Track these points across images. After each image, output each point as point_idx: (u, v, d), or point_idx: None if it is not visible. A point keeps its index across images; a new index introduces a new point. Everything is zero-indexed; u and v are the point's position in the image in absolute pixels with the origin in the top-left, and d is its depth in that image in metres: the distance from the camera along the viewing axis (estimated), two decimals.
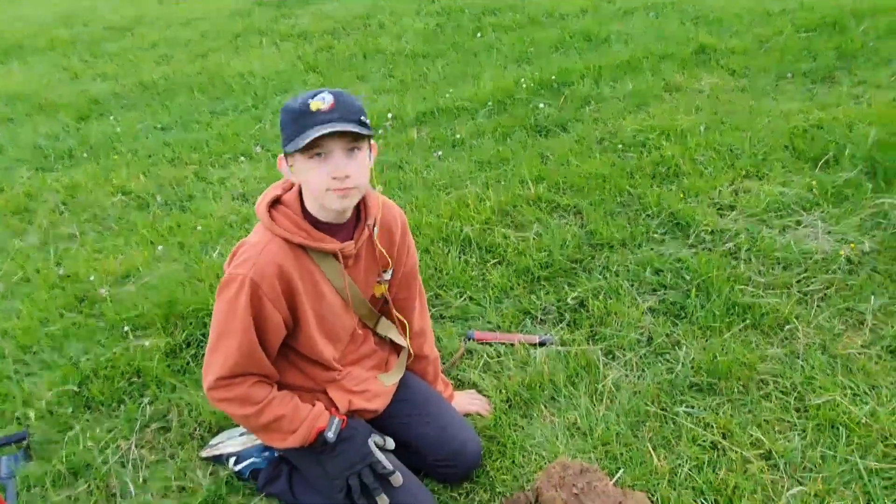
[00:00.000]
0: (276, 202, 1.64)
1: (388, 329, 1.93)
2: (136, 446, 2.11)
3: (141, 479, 2.01)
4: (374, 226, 1.70)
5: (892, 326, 2.24)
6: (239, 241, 1.68)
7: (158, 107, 4.97)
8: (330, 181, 1.50)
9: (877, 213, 2.74)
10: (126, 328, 2.57)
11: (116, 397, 2.30)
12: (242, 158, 4.00)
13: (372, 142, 1.61)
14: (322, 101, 1.46)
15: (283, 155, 1.58)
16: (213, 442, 2.09)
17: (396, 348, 2.01)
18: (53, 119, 5.12)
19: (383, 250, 1.74)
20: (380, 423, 1.90)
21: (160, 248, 3.11)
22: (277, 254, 1.57)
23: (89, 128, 4.85)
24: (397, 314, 1.90)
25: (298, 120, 1.47)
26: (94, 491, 1.97)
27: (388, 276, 1.82)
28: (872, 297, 2.37)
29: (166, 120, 4.70)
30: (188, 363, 2.42)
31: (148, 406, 2.24)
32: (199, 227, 3.25)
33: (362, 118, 1.51)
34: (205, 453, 2.06)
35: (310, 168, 1.50)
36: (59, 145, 4.60)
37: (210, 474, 2.01)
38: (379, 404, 1.87)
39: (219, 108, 4.86)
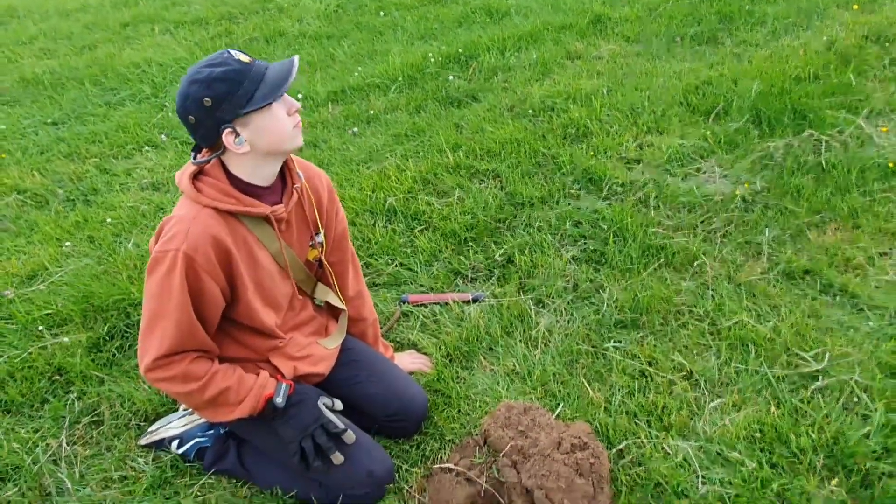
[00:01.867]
0: (198, 174, 1.60)
1: (325, 294, 1.93)
2: (67, 443, 2.02)
3: (77, 475, 1.92)
4: (300, 188, 1.70)
5: (785, 254, 2.48)
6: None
7: (46, 101, 4.63)
8: (288, 120, 1.52)
9: (764, 156, 3.01)
10: (41, 327, 2.42)
11: (38, 397, 2.18)
12: (147, 148, 3.81)
13: None
14: (242, 55, 1.47)
15: (228, 128, 1.48)
16: (151, 429, 2.02)
17: (335, 313, 2.02)
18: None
19: (315, 209, 1.74)
20: (327, 387, 1.91)
21: (67, 244, 2.93)
22: (209, 223, 1.52)
23: None
24: (332, 278, 1.91)
25: (248, 76, 1.45)
26: (27, 493, 1.87)
27: (320, 239, 1.82)
28: (766, 229, 2.61)
29: (57, 114, 4.39)
30: (114, 355, 2.32)
31: (76, 402, 2.14)
32: (108, 220, 3.09)
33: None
34: (144, 441, 2.00)
35: (272, 115, 1.49)
36: None
37: (153, 460, 1.96)
38: (324, 367, 1.88)
39: (115, 100, 4.59)
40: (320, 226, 1.81)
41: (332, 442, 1.68)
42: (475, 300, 2.42)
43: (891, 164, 2.83)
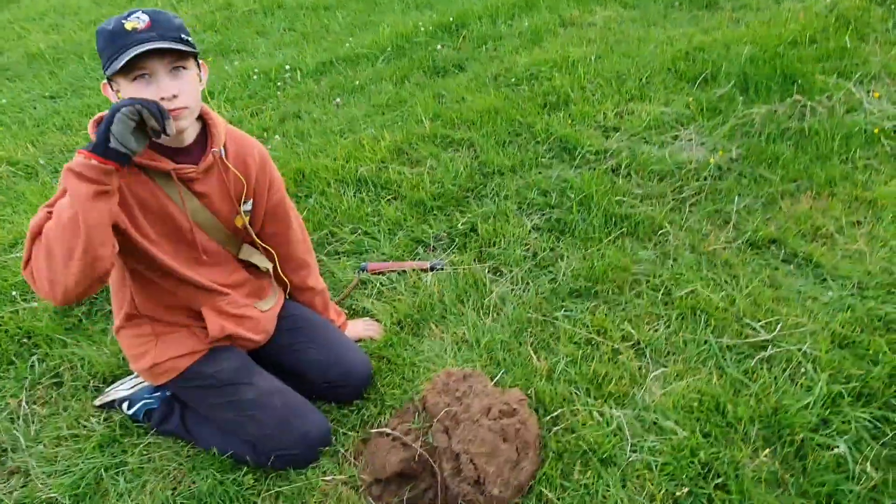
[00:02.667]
0: None
1: (250, 254, 1.91)
2: (26, 402, 2.09)
3: (32, 433, 2.00)
4: (220, 153, 1.68)
5: (753, 222, 2.41)
6: None
7: (47, 76, 4.73)
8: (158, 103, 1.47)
9: (745, 123, 2.91)
10: (14, 293, 2.50)
11: (6, 359, 2.26)
12: None
13: (201, 61, 1.60)
14: (138, 21, 1.43)
15: (105, 81, 1.52)
16: (106, 390, 2.09)
17: (278, 277, 2.03)
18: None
19: (238, 174, 1.73)
20: (269, 352, 1.94)
21: None
22: None
23: None
24: (264, 244, 1.91)
25: (115, 41, 1.42)
26: None
27: (247, 208, 1.81)
28: (737, 197, 2.54)
29: (55, 88, 4.48)
30: (80, 320, 2.39)
31: (38, 363, 2.21)
32: None
33: (182, 35, 1.49)
34: (98, 401, 2.06)
35: (136, 91, 1.46)
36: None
37: (104, 420, 2.02)
38: (261, 337, 1.90)
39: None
40: (244, 196, 1.78)
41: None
42: (433, 268, 2.42)
43: (876, 130, 2.72)
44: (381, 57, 4.18)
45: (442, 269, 2.42)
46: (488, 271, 2.37)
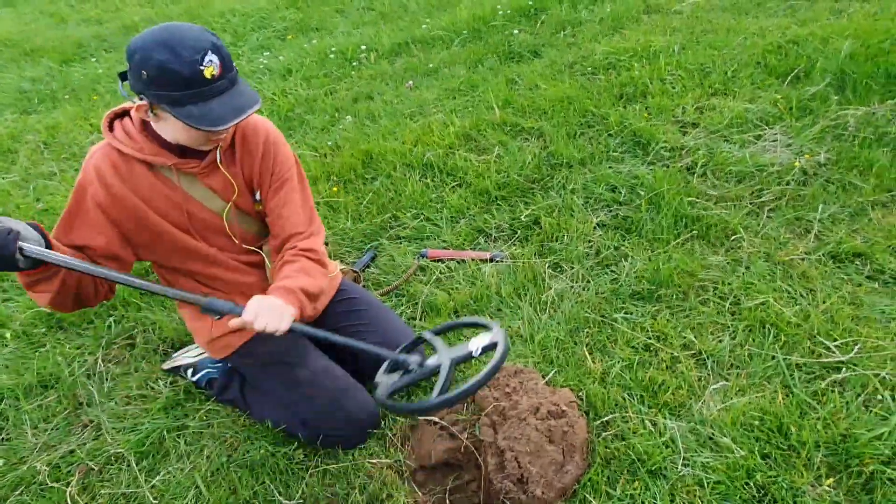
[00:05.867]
0: (125, 114, 1.61)
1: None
2: (102, 361, 2.23)
3: (106, 390, 2.13)
4: (217, 158, 1.65)
5: (838, 233, 2.26)
6: None
7: None
8: (210, 138, 1.51)
9: (838, 125, 2.71)
10: None
11: (87, 318, 2.42)
12: None
13: None
14: (212, 66, 1.39)
15: (142, 100, 1.45)
16: (174, 355, 2.20)
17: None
18: (38, 63, 5.14)
19: (229, 177, 1.68)
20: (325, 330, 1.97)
21: None
22: (103, 165, 1.55)
23: (72, 71, 4.87)
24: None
25: (191, 87, 1.38)
26: (63, 400, 2.10)
27: (259, 198, 1.78)
28: (822, 205, 2.38)
29: None
30: None
31: (114, 324, 2.35)
32: None
33: (235, 68, 1.48)
34: (166, 366, 2.17)
35: (187, 130, 1.48)
36: (43, 88, 4.64)
37: (170, 384, 2.13)
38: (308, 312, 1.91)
39: None
40: (235, 189, 1.72)
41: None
42: (493, 260, 2.40)
43: None
44: (456, 40, 4.14)
45: (502, 260, 2.39)
46: (548, 266, 2.33)
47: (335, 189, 2.89)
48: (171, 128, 1.52)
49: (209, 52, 1.39)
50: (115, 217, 1.59)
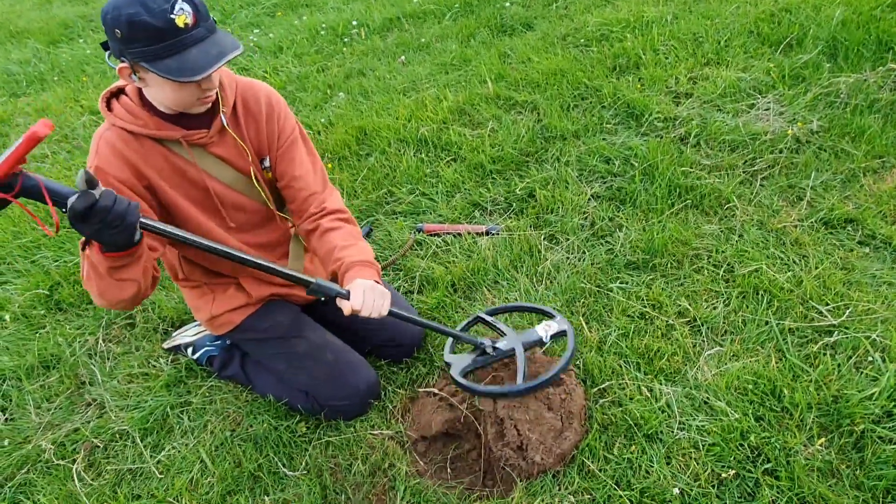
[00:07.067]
0: (120, 92, 1.56)
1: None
2: (103, 341, 2.25)
3: (108, 369, 2.15)
4: (223, 121, 1.61)
5: (830, 200, 2.28)
6: None
7: None
8: (193, 93, 1.46)
9: (830, 93, 2.72)
10: None
11: (86, 299, 2.42)
12: None
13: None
14: (184, 14, 1.34)
15: (123, 63, 1.39)
16: (174, 334, 2.21)
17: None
18: (24, 45, 5.07)
19: (239, 139, 1.66)
20: (325, 310, 1.98)
21: None
22: (116, 142, 1.51)
23: (60, 52, 4.81)
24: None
25: (164, 38, 1.33)
26: (65, 380, 2.12)
27: (267, 164, 1.76)
28: (814, 173, 2.40)
29: None
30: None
31: None
32: None
33: (212, 17, 1.43)
34: (166, 345, 2.19)
35: (173, 88, 1.43)
36: (31, 70, 4.58)
37: (171, 362, 2.15)
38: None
39: None
40: (248, 152, 1.70)
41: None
42: (488, 233, 2.41)
43: None
44: (448, 14, 4.11)
45: (497, 233, 2.41)
46: (544, 238, 2.35)
47: (330, 166, 2.89)
48: (158, 91, 1.46)
49: (179, 0, 1.34)
50: (143, 192, 1.55)
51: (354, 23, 4.18)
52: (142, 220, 1.33)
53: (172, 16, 1.32)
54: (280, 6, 4.94)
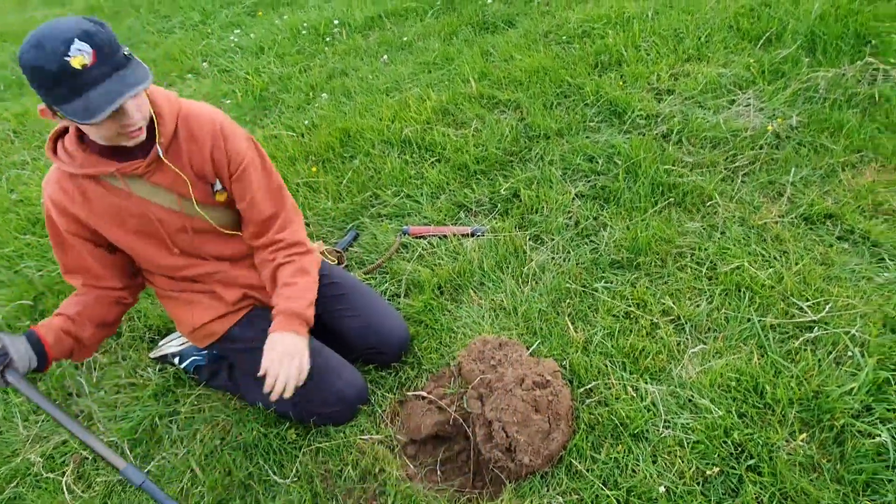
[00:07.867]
0: (66, 131, 1.59)
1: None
2: None
3: (94, 379, 2.14)
4: (158, 152, 1.59)
5: (809, 196, 2.31)
6: None
7: None
8: (112, 127, 1.42)
9: (809, 88, 2.75)
10: None
11: None
12: (189, 76, 3.94)
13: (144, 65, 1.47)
14: (82, 55, 1.29)
15: (45, 107, 1.40)
16: (160, 343, 2.21)
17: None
18: (2, 49, 5.00)
19: (175, 169, 1.63)
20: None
21: None
22: (56, 193, 1.60)
23: None
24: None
25: (64, 83, 1.30)
26: (52, 392, 2.11)
27: (218, 187, 1.73)
28: (794, 168, 2.43)
29: None
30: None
31: None
32: None
33: (125, 52, 1.38)
34: (153, 354, 2.19)
35: (90, 127, 1.41)
36: (9, 74, 4.52)
37: (159, 371, 2.15)
38: None
39: (166, 27, 4.74)
40: (187, 181, 1.67)
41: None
42: (473, 234, 2.42)
43: None
44: (430, 11, 4.10)
45: (483, 234, 2.42)
46: (529, 238, 2.37)
47: (314, 169, 2.88)
48: (83, 128, 1.44)
49: (76, 40, 1.29)
50: (91, 237, 1.68)
51: (336, 22, 4.16)
52: (8, 379, 1.54)
53: (67, 58, 1.29)
54: (261, 5, 4.90)
